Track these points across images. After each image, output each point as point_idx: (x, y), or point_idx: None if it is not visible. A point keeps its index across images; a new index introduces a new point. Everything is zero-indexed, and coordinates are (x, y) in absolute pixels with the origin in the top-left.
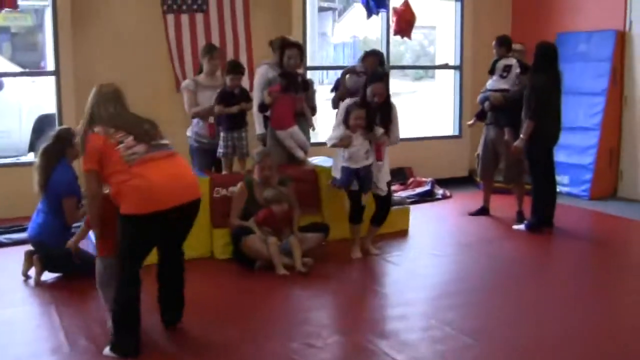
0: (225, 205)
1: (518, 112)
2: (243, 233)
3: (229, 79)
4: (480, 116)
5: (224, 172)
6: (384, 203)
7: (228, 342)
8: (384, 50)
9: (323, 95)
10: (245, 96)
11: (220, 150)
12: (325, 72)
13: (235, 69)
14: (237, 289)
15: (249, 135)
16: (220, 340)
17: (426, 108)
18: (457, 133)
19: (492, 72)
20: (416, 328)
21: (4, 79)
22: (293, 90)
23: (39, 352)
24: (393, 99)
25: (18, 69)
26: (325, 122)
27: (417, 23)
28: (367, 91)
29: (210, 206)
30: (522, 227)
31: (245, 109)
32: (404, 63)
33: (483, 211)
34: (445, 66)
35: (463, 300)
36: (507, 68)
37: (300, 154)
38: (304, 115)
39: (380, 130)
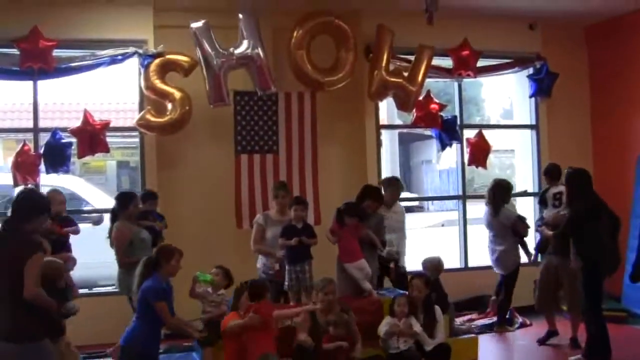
0: (289, 335)
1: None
2: None
3: (292, 210)
4: (541, 248)
5: (291, 304)
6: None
7: None
8: (459, 180)
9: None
10: (308, 231)
11: (285, 282)
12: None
13: (297, 202)
14: None
15: (313, 268)
16: None
17: None
18: (538, 260)
19: (542, 202)
20: None
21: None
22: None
23: None
24: None
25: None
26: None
27: (495, 147)
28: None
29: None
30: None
31: (306, 243)
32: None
33: (552, 334)
34: (524, 194)
35: None
36: (558, 195)
37: (367, 285)
38: (371, 245)
39: (417, 326)
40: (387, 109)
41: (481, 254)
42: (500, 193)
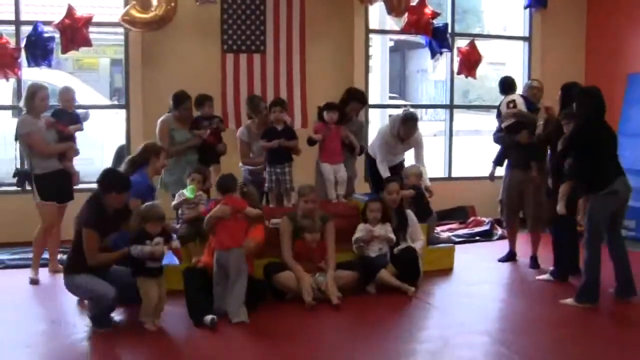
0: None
1: (542, 149)
2: (274, 270)
3: (271, 112)
4: (499, 161)
5: (270, 206)
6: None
7: None
8: (447, 89)
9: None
10: (289, 132)
11: (266, 184)
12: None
13: (275, 104)
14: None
15: (293, 170)
16: None
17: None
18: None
19: (499, 114)
20: None
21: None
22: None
23: None
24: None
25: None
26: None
27: (487, 60)
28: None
29: None
30: (547, 276)
31: (286, 145)
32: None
33: (511, 256)
34: None
35: (486, 342)
36: (512, 104)
37: (331, 194)
38: (350, 148)
39: (391, 234)
40: (379, 15)
41: (467, 165)
42: None
